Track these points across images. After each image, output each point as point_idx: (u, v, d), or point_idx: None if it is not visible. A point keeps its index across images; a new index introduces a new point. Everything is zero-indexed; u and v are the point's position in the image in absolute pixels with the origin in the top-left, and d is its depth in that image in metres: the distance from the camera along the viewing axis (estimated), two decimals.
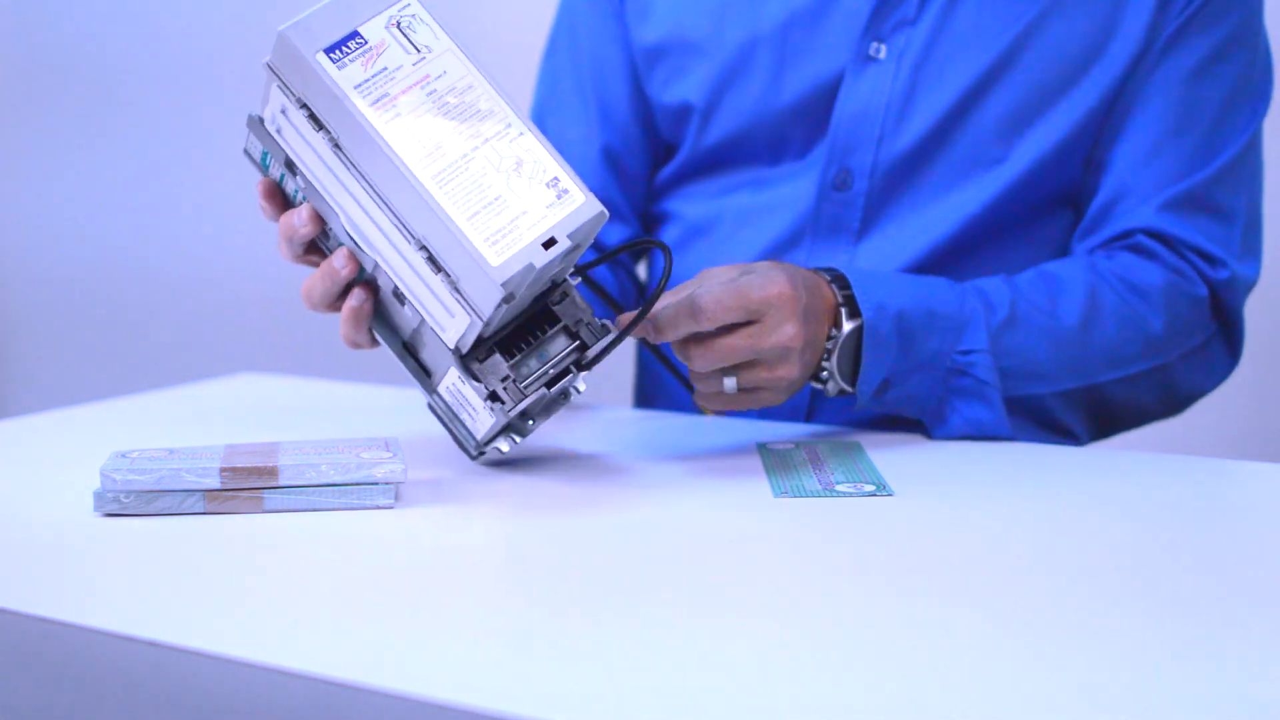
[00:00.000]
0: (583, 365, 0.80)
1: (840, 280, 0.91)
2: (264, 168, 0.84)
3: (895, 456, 0.88)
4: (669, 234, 1.14)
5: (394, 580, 0.66)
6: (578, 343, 0.80)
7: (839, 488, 0.80)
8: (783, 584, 0.64)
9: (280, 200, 0.85)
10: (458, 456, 0.88)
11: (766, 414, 1.08)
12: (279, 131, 0.79)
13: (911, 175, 1.03)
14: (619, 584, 0.65)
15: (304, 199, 0.81)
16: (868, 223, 1.04)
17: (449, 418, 0.83)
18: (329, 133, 0.75)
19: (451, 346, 0.77)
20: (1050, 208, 1.05)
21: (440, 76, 0.75)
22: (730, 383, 0.86)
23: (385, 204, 0.75)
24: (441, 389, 0.82)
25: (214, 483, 0.74)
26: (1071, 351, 0.97)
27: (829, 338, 0.90)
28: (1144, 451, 0.94)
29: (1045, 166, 1.02)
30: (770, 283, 0.85)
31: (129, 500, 0.74)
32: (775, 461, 0.87)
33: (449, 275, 0.74)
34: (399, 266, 0.77)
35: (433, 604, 0.62)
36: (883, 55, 1.02)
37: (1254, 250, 1.04)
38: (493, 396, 0.78)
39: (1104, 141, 1.02)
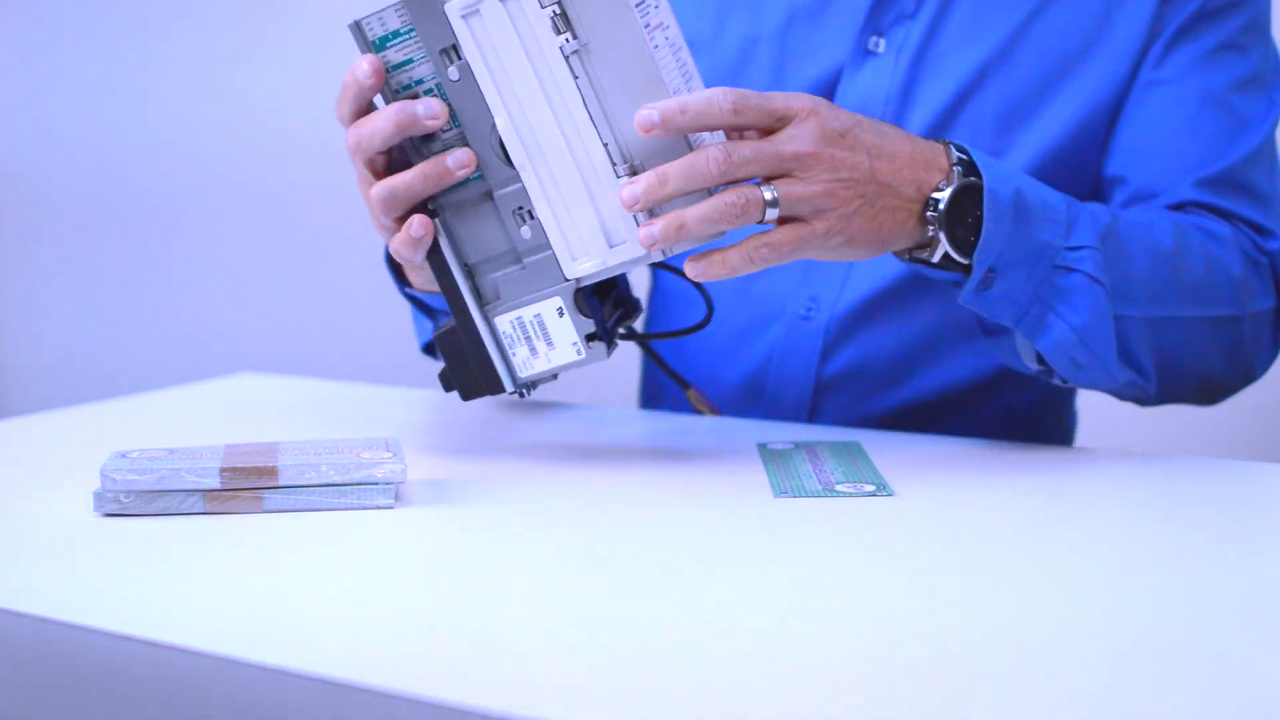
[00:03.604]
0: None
1: (959, 148, 0.86)
2: (376, 46, 0.81)
3: (895, 456, 0.88)
4: None
5: (394, 580, 0.66)
6: (623, 308, 0.88)
7: (839, 488, 0.80)
8: (783, 584, 0.64)
9: (368, 99, 0.83)
10: (458, 457, 0.88)
11: (767, 414, 1.08)
12: (468, 16, 0.78)
13: None
14: (619, 583, 0.65)
15: (431, 92, 0.81)
16: None
17: (489, 348, 0.83)
18: (576, 38, 0.77)
19: (572, 277, 0.80)
20: None
21: (667, 28, 0.79)
22: (768, 192, 0.78)
23: (609, 123, 0.78)
24: (507, 318, 0.82)
25: (214, 483, 0.74)
26: (1165, 276, 0.92)
27: (935, 189, 0.82)
28: (1144, 451, 0.94)
29: (1049, 165, 1.02)
30: (795, 98, 0.80)
31: (129, 500, 0.74)
32: (775, 461, 0.87)
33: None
34: (565, 184, 0.79)
35: (433, 604, 0.62)
36: (881, 49, 1.02)
37: None
38: (593, 337, 0.81)
39: (1123, 132, 1.01)
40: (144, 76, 2.27)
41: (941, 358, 1.06)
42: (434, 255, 0.82)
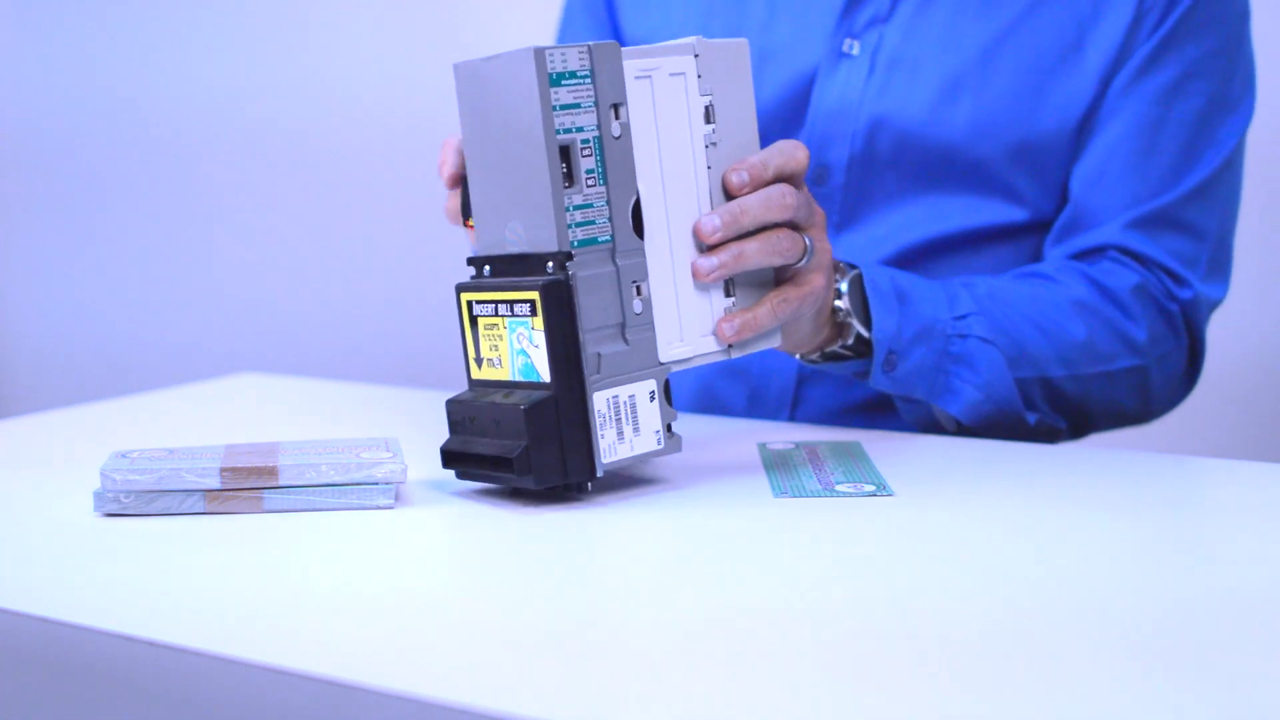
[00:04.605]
0: None
1: None
2: (552, 80, 0.76)
3: (895, 456, 0.88)
4: None
5: (394, 580, 0.66)
6: None
7: (839, 488, 0.80)
8: (783, 584, 0.64)
9: None
10: None
11: (751, 401, 1.08)
12: (640, 79, 0.79)
13: (888, 172, 1.04)
14: (619, 583, 0.65)
15: (587, 143, 0.77)
16: (846, 216, 1.05)
17: (593, 426, 0.77)
18: (716, 131, 0.81)
19: (666, 360, 0.79)
20: (1046, 225, 1.05)
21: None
22: (806, 239, 0.83)
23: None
24: (604, 395, 0.77)
25: (214, 483, 0.74)
26: (1055, 336, 0.98)
27: (834, 280, 0.90)
28: (1144, 452, 0.94)
29: (1021, 175, 1.03)
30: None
31: (129, 500, 0.74)
32: (775, 461, 0.87)
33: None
34: (680, 264, 0.80)
35: (433, 604, 0.62)
36: (855, 52, 1.03)
37: (1222, 270, 1.04)
38: (668, 429, 0.79)
39: (1076, 156, 1.03)
40: (139, 73, 2.27)
41: None
42: (561, 316, 0.76)
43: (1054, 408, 1.00)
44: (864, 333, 0.91)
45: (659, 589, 0.64)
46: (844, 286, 0.90)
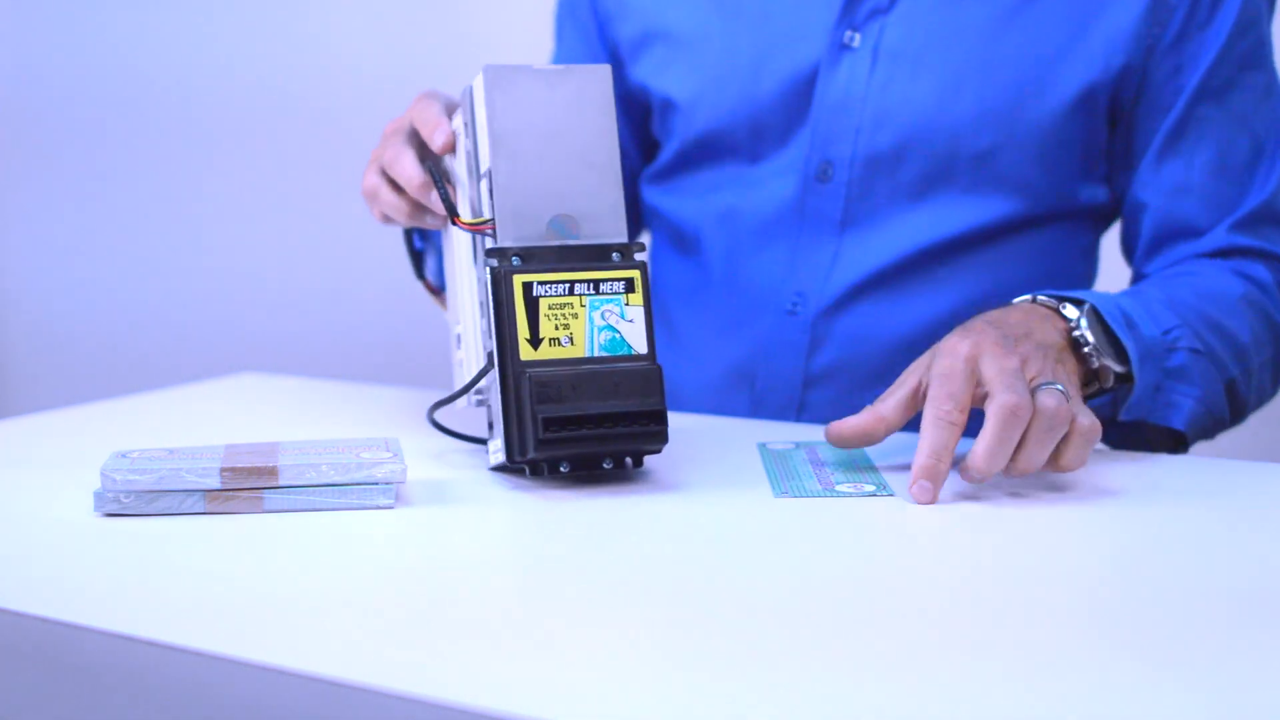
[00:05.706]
0: None
1: (1032, 296, 0.89)
2: None
3: (895, 457, 0.88)
4: (656, 232, 1.16)
5: (394, 580, 0.66)
6: None
7: (839, 488, 0.80)
8: (783, 584, 0.64)
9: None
10: (458, 457, 0.88)
11: (756, 406, 1.08)
12: None
13: (893, 167, 1.03)
14: (619, 583, 0.65)
15: None
16: (850, 214, 1.05)
17: None
18: None
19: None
20: (1052, 218, 1.05)
21: None
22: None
23: None
24: None
25: (214, 483, 0.74)
26: (1231, 336, 0.97)
27: (1071, 326, 0.86)
28: (1143, 452, 0.94)
29: (1029, 164, 1.02)
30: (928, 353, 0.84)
31: (129, 500, 0.74)
32: (775, 461, 0.87)
33: None
34: None
35: (432, 604, 0.62)
36: (857, 44, 1.03)
37: None
38: None
39: (1144, 164, 1.02)
40: (140, 70, 2.27)
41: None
42: (650, 293, 0.81)
43: (1233, 407, 0.99)
44: (1117, 368, 0.88)
45: (659, 589, 0.64)
46: (1083, 321, 0.86)
